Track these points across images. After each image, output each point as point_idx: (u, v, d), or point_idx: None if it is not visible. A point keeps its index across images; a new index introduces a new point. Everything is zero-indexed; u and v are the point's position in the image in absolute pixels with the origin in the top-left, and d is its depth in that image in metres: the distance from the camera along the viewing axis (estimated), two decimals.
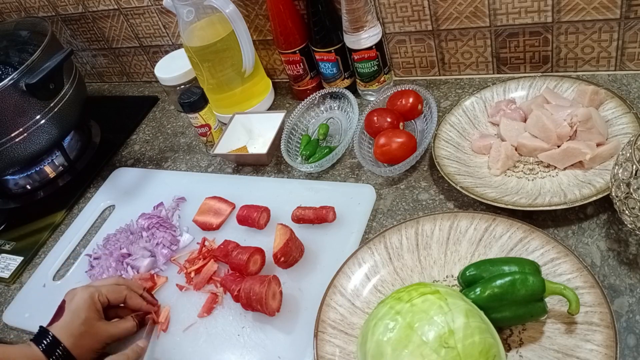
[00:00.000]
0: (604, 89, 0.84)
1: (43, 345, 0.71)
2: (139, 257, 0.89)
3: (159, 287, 0.86)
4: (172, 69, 1.16)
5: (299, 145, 1.01)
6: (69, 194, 1.12)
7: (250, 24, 1.12)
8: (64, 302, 0.76)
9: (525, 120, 0.87)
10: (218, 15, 1.01)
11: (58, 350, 0.71)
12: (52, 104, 1.05)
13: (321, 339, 0.68)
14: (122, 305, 0.79)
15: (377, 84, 1.03)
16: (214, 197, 0.95)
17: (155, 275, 0.87)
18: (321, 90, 1.05)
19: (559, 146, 0.80)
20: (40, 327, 0.74)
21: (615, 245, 0.70)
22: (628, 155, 0.62)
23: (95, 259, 0.93)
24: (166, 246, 0.90)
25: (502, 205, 0.75)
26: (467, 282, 0.65)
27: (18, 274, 0.99)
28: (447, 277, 0.72)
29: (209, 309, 0.79)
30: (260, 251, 0.81)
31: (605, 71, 0.94)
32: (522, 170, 0.82)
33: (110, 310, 0.79)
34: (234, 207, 0.94)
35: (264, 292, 0.73)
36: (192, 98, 1.00)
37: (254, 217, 0.87)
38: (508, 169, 0.83)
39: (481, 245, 0.73)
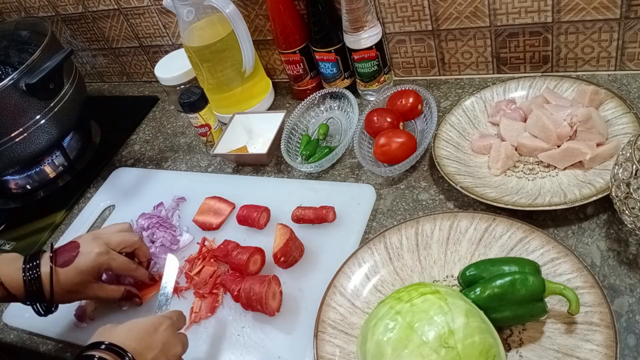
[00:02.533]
0: (604, 89, 0.84)
1: (29, 276, 0.73)
2: None
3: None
4: (172, 69, 1.16)
5: (299, 145, 1.01)
6: (69, 194, 1.12)
7: (250, 24, 1.12)
8: (77, 246, 0.77)
9: (525, 120, 0.87)
10: (218, 15, 1.01)
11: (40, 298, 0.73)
12: (52, 104, 1.05)
13: (321, 339, 0.68)
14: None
15: (377, 84, 1.03)
16: (214, 197, 0.95)
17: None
18: (321, 90, 1.05)
19: (559, 146, 0.80)
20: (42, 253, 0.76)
21: (615, 245, 0.70)
22: (628, 155, 0.62)
23: None
24: (166, 246, 0.90)
25: (502, 205, 0.75)
26: (467, 282, 0.65)
27: None
28: (447, 277, 0.72)
29: (212, 308, 0.79)
30: (260, 251, 0.81)
31: (605, 71, 0.94)
32: (522, 170, 0.82)
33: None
34: (234, 207, 0.94)
35: (264, 292, 0.73)
36: (192, 98, 1.00)
37: (254, 217, 0.87)
38: (508, 169, 0.83)
39: (481, 245, 0.73)
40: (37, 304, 0.74)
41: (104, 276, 0.83)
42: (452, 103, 0.99)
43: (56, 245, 0.79)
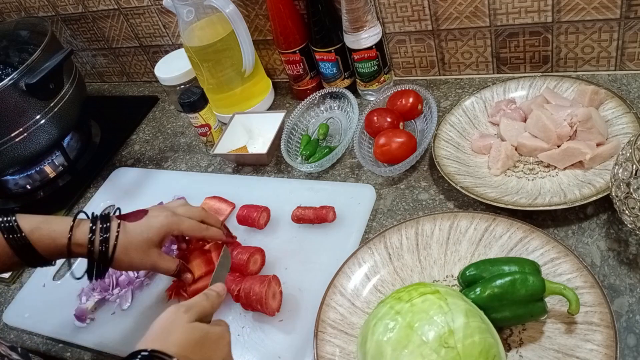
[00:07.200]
0: (604, 88, 0.84)
1: (101, 236, 0.71)
2: None
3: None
4: (172, 69, 1.16)
5: (299, 145, 1.01)
6: (69, 194, 1.12)
7: (250, 24, 1.12)
8: (146, 211, 0.76)
9: (525, 120, 0.87)
10: (218, 15, 1.01)
11: (104, 247, 0.70)
12: (52, 104, 1.05)
13: (321, 339, 0.68)
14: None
15: (377, 83, 1.03)
16: (214, 197, 0.95)
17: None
18: (321, 90, 1.05)
19: (559, 146, 0.80)
20: (109, 214, 0.74)
21: (615, 245, 0.70)
22: (628, 155, 0.62)
23: None
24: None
25: (502, 205, 0.75)
26: (467, 282, 0.65)
27: (18, 274, 0.99)
28: (447, 277, 0.72)
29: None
30: (260, 251, 0.81)
31: (605, 71, 0.94)
32: (522, 170, 0.82)
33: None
34: (234, 207, 0.94)
35: (264, 292, 0.73)
36: (192, 98, 1.00)
37: (254, 217, 0.87)
38: (508, 169, 0.83)
39: (481, 245, 0.73)
40: (98, 265, 0.71)
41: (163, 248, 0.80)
42: (452, 103, 0.99)
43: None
